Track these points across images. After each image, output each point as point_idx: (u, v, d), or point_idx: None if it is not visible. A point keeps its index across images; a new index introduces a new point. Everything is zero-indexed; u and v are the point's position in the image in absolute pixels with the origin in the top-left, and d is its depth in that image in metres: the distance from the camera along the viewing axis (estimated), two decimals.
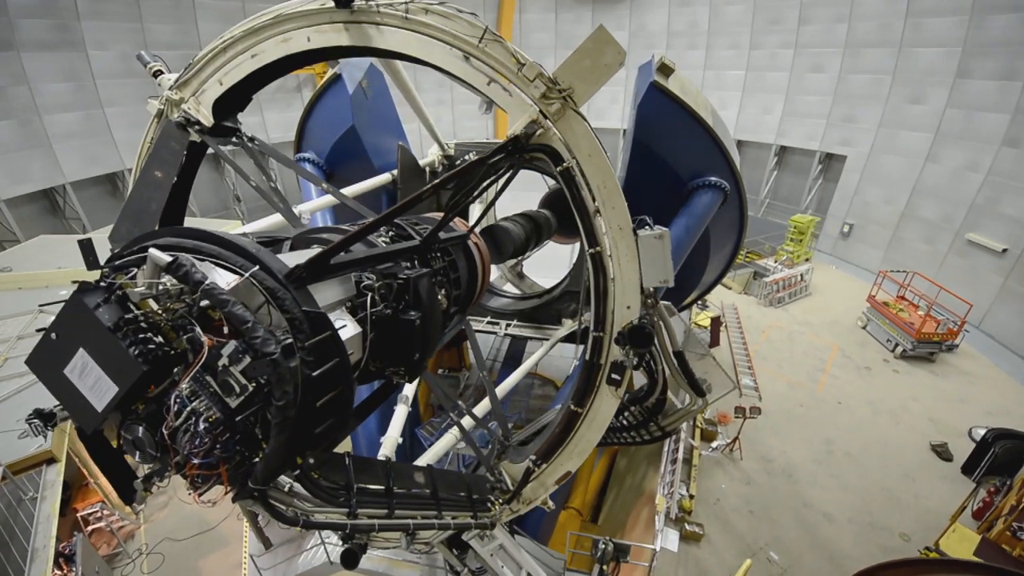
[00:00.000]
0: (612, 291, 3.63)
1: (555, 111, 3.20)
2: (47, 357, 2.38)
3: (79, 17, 23.24)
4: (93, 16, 23.72)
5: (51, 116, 23.17)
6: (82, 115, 24.37)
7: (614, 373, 3.78)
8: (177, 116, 3.80)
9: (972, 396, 18.17)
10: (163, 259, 2.41)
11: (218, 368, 2.33)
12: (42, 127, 22.98)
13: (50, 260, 17.13)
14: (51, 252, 18.17)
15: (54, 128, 23.35)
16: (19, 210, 22.72)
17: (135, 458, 2.59)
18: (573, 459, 4.20)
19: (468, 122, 37.39)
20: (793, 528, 12.84)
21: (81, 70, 23.98)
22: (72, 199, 24.30)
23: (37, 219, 23.78)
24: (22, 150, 22.52)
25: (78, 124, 24.29)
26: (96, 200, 25.91)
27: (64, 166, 23.85)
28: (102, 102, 24.90)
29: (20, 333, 13.16)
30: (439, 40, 3.20)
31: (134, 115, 26.24)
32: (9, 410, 10.87)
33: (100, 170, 25.45)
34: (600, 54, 3.09)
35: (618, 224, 3.48)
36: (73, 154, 24.18)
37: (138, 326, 2.29)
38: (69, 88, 23.73)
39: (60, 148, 23.63)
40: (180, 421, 2.32)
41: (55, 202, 24.36)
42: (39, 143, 23.00)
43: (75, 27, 23.27)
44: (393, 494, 3.59)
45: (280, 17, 3.45)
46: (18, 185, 22.48)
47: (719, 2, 31.51)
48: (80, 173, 24.58)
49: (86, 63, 24.02)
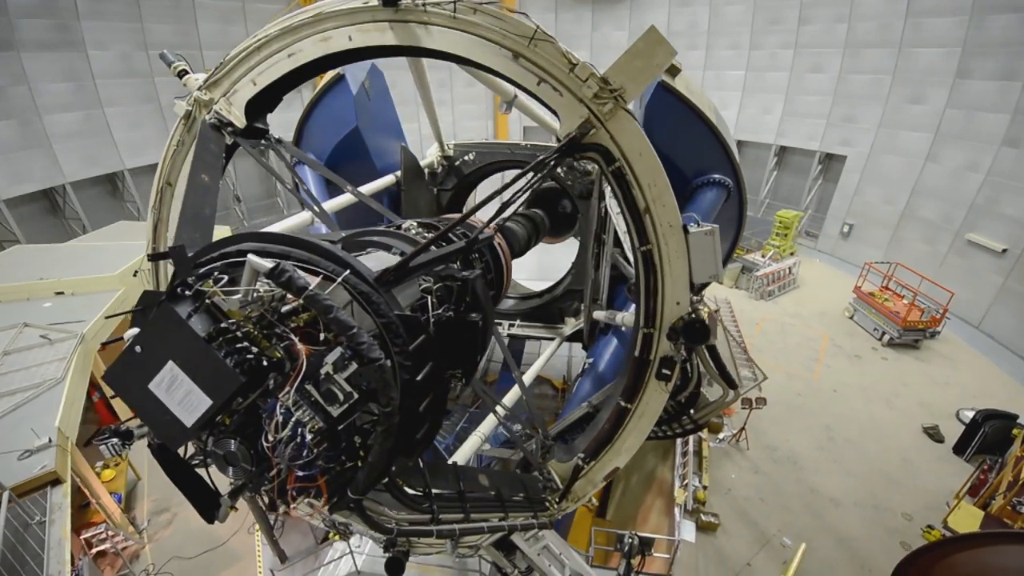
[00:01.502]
0: (662, 288, 3.61)
1: (607, 111, 3.19)
2: (129, 371, 2.25)
3: (79, 17, 23.08)
4: (93, 16, 23.57)
5: (51, 116, 22.99)
6: (82, 115, 24.20)
7: (664, 368, 3.78)
8: (209, 117, 3.72)
9: (956, 380, 19.19)
10: (264, 265, 2.34)
11: (320, 376, 2.27)
12: (42, 127, 22.80)
13: (31, 271, 16.32)
14: (30, 262, 17.30)
15: (54, 128, 23.17)
16: (19, 210, 22.53)
17: (227, 475, 2.48)
18: (622, 455, 4.21)
19: (468, 122, 37.35)
20: (802, 513, 13.38)
21: (81, 70, 23.82)
22: (72, 199, 24.12)
23: (37, 219, 23.62)
24: (22, 150, 22.35)
25: (78, 124, 24.11)
26: (96, 200, 25.75)
27: (64, 166, 23.67)
28: (102, 102, 24.72)
29: (6, 349, 12.53)
30: (488, 40, 3.17)
31: (134, 115, 26.17)
32: (2, 431, 10.26)
33: (100, 170, 25.26)
34: (651, 55, 3.09)
35: (668, 222, 3.47)
36: (73, 154, 24.01)
37: (233, 336, 2.21)
38: (69, 88, 23.56)
39: (60, 148, 23.45)
40: (286, 432, 2.24)
41: (55, 202, 24.18)
42: (39, 143, 22.83)
43: (75, 27, 23.12)
44: (466, 498, 3.56)
45: (320, 15, 3.38)
46: (18, 185, 22.29)
47: (719, 2, 31.54)
48: (80, 173, 24.41)
49: (86, 63, 23.86)
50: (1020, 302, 20.80)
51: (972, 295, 22.48)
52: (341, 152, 10.34)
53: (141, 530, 12.67)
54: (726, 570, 11.66)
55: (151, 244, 4.33)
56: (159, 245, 4.25)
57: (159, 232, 4.24)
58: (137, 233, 20.36)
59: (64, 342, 12.95)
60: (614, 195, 3.46)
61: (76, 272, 16.38)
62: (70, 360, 12.22)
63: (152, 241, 4.31)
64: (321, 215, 4.56)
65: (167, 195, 4.12)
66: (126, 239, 19.72)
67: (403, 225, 4.43)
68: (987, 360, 20.52)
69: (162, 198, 4.15)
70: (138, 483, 14.20)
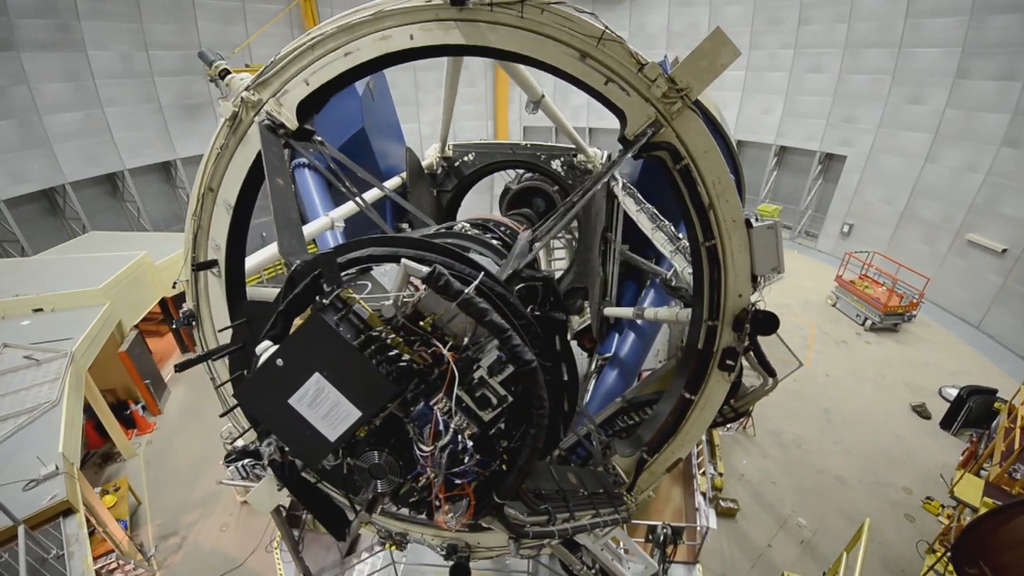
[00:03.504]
0: (725, 281, 3.68)
1: (675, 111, 3.21)
2: (267, 387, 2.17)
3: (79, 17, 23.00)
4: (93, 16, 23.48)
5: (51, 116, 22.88)
6: (82, 115, 24.08)
7: (727, 359, 3.86)
8: (262, 119, 3.61)
9: (935, 360, 20.48)
10: (421, 270, 2.29)
11: (474, 380, 2.24)
12: (42, 127, 22.68)
13: (3, 287, 15.42)
14: (2, 279, 16.35)
15: (54, 128, 23.06)
16: (19, 210, 22.41)
17: (373, 488, 2.40)
18: (684, 446, 4.27)
19: (467, 122, 37.35)
20: (812, 493, 14.14)
21: (81, 70, 23.72)
22: (72, 199, 24.00)
23: (37, 219, 23.48)
24: (22, 150, 22.22)
25: (78, 124, 24.01)
26: (96, 200, 25.65)
27: (64, 166, 23.56)
28: (102, 102, 24.62)
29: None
30: (555, 40, 3.17)
31: (134, 115, 26.06)
32: None
33: (100, 170, 25.16)
34: (716, 55, 3.11)
35: (731, 217, 3.54)
36: (73, 154, 23.91)
37: (382, 343, 2.17)
38: (69, 88, 23.45)
39: (60, 148, 23.34)
40: (445, 440, 2.20)
41: (55, 202, 24.04)
42: (39, 143, 22.71)
43: (75, 27, 23.03)
44: (567, 497, 3.56)
45: (381, 13, 3.31)
46: (18, 185, 22.17)
47: (719, 2, 31.64)
48: (80, 173, 24.30)
49: (86, 63, 23.76)
50: (1020, 302, 20.95)
51: (972, 295, 22.69)
52: (346, 153, 10.20)
53: (149, 557, 12.15)
54: (749, 553, 12.30)
55: (191, 253, 4.11)
56: (199, 255, 4.09)
57: (199, 241, 4.07)
58: (110, 244, 20.02)
59: (52, 362, 12.22)
60: (680, 193, 3.48)
61: (55, 287, 15.45)
62: (63, 381, 11.54)
63: (192, 250, 4.10)
64: (377, 219, 4.50)
65: (208, 201, 3.95)
66: (99, 250, 18.99)
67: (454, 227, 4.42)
68: (961, 341, 21.91)
69: (203, 204, 3.97)
70: (139, 508, 13.71)
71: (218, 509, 13.58)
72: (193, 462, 15.13)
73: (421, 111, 35.68)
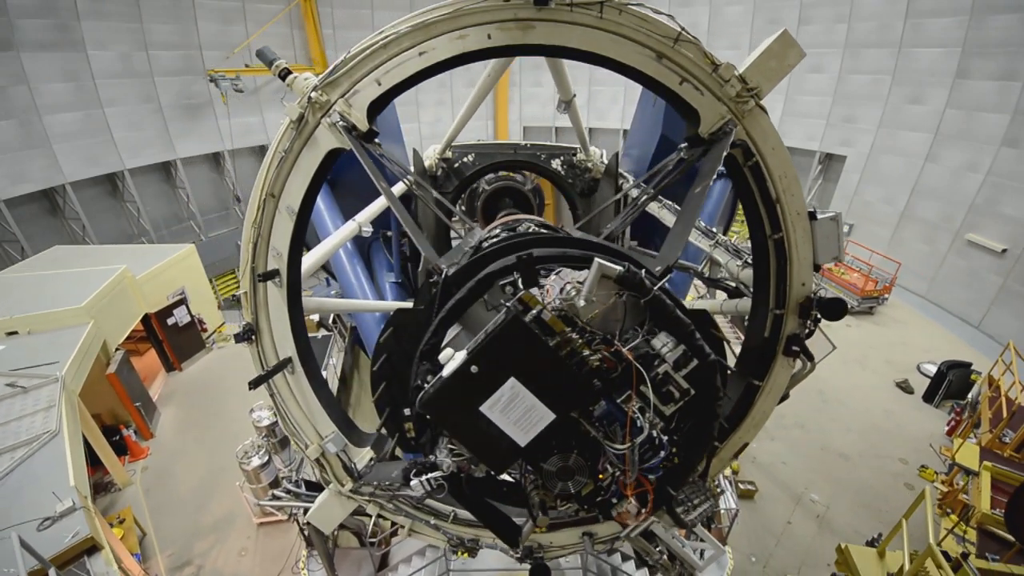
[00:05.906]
0: (790, 271, 3.82)
1: (747, 110, 3.29)
2: (459, 395, 2.14)
3: (79, 17, 22.84)
4: (93, 16, 23.33)
5: (51, 116, 22.72)
6: (82, 115, 23.93)
7: (792, 345, 4.01)
8: (334, 121, 3.53)
9: (909, 339, 21.93)
10: (615, 269, 2.28)
11: (658, 375, 2.23)
12: (42, 127, 22.53)
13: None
14: None
15: (54, 128, 22.91)
16: (19, 210, 22.27)
17: (563, 490, 2.37)
18: (751, 431, 4.41)
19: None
20: (820, 470, 14.94)
21: (81, 70, 23.56)
22: (72, 199, 23.86)
23: (37, 219, 23.34)
24: (22, 150, 22.06)
25: (78, 124, 23.86)
26: (96, 200, 25.49)
27: (64, 166, 23.42)
28: (102, 102, 24.46)
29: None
30: (632, 40, 3.21)
31: (134, 115, 25.91)
32: (4, 499, 8.47)
33: (100, 170, 25.01)
34: (784, 56, 3.24)
35: (796, 210, 3.73)
36: (73, 154, 23.76)
37: (574, 345, 2.14)
38: (69, 88, 23.29)
39: (60, 148, 23.18)
40: (641, 437, 2.19)
41: (55, 202, 23.87)
42: (39, 143, 22.55)
43: (75, 27, 22.87)
44: (699, 487, 3.62)
45: (459, 11, 3.29)
46: (18, 185, 22.03)
47: (719, 2, 31.74)
48: (80, 173, 24.16)
49: (86, 63, 23.60)
50: (1021, 302, 21.09)
51: (972, 295, 22.85)
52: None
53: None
54: (771, 531, 12.93)
55: (250, 263, 3.89)
56: (258, 265, 3.89)
57: (259, 250, 3.87)
58: (79, 259, 18.63)
59: (42, 388, 11.15)
60: (748, 189, 3.57)
61: (29, 308, 14.05)
62: (60, 408, 10.54)
63: (251, 260, 3.88)
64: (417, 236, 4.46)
65: (269, 207, 3.77)
66: (69, 266, 17.60)
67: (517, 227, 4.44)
68: (931, 321, 23.61)
69: (263, 211, 3.77)
70: (144, 539, 12.75)
71: (233, 533, 12.84)
72: (198, 485, 14.30)
73: (421, 111, 35.63)
